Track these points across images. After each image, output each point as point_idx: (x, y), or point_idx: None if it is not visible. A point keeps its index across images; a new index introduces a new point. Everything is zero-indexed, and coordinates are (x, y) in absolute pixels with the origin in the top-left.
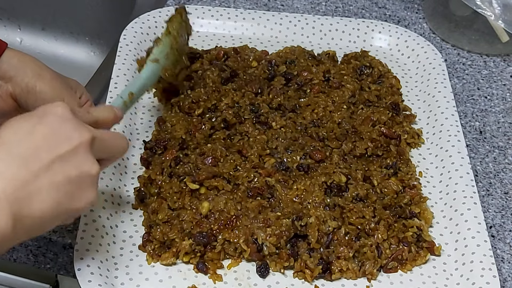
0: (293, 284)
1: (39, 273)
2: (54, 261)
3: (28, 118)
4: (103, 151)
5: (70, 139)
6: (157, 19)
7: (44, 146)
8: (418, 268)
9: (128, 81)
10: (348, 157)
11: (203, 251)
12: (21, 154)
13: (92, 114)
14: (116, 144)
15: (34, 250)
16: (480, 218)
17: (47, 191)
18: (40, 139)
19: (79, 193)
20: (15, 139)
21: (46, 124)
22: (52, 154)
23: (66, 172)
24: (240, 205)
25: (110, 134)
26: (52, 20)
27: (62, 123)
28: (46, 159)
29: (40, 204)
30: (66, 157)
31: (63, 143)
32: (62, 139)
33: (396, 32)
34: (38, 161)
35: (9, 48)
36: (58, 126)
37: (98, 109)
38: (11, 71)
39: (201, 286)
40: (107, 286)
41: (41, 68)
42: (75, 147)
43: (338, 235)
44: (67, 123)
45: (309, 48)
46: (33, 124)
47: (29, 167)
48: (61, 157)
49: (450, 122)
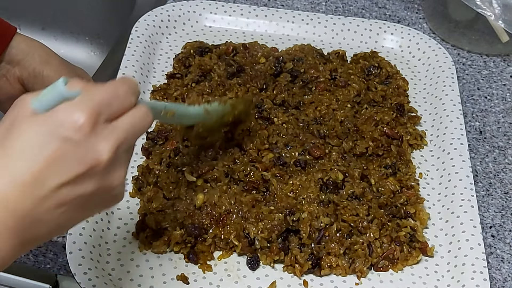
0: (282, 277)
1: (39, 273)
2: (54, 261)
3: (40, 128)
4: (129, 147)
5: (82, 162)
6: (170, 13)
7: (53, 170)
8: (410, 268)
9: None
10: (348, 155)
11: (194, 242)
12: (25, 181)
13: (119, 128)
14: (141, 130)
15: (34, 250)
16: (476, 221)
17: (55, 213)
18: (49, 161)
19: (95, 205)
20: (21, 158)
21: (57, 142)
22: (61, 179)
23: (78, 192)
24: (234, 198)
25: (132, 121)
26: (52, 20)
27: (76, 144)
28: (53, 184)
29: (47, 228)
30: (78, 180)
31: (74, 167)
32: (74, 162)
33: (408, 34)
34: (42, 189)
35: (18, 33)
36: (71, 147)
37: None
38: (19, 55)
39: (191, 275)
40: (97, 270)
41: (48, 54)
42: (88, 170)
43: (330, 231)
44: (81, 142)
45: (320, 47)
46: (43, 142)
47: (34, 195)
48: (70, 182)
49: (454, 125)
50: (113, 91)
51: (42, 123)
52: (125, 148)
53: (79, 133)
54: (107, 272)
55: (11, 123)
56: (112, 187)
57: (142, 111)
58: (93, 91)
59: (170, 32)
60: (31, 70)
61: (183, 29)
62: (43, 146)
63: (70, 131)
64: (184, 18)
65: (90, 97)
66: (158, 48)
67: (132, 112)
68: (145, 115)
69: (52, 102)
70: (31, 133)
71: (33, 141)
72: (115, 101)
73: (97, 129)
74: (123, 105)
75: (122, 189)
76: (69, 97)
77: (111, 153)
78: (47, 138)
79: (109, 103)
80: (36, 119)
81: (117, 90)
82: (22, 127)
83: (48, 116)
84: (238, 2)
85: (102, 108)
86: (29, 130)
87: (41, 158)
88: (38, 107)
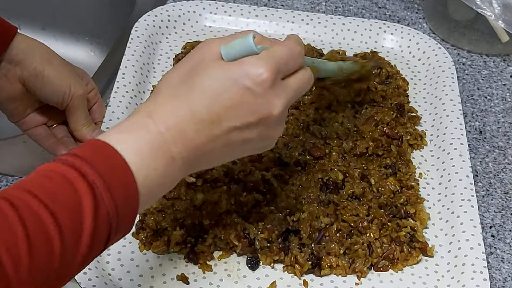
0: (282, 277)
1: None
2: None
3: (226, 73)
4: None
5: (257, 112)
6: (170, 13)
7: (228, 114)
8: (410, 268)
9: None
10: (348, 156)
11: (194, 242)
12: (203, 117)
13: (290, 86)
14: (304, 90)
15: None
16: (476, 221)
17: (220, 150)
18: (228, 105)
19: (252, 149)
20: (203, 96)
21: (240, 90)
22: (235, 123)
23: (244, 136)
24: (234, 199)
25: (300, 82)
26: (52, 20)
27: (255, 96)
28: (227, 126)
29: (209, 161)
30: (248, 127)
31: (249, 115)
32: (250, 111)
33: (408, 34)
34: (217, 128)
35: (18, 33)
36: (250, 97)
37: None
38: (19, 55)
39: (191, 275)
40: (97, 270)
41: (49, 54)
42: (259, 120)
43: (330, 231)
44: (260, 95)
45: (320, 47)
46: (226, 86)
47: (208, 133)
48: (242, 127)
49: (454, 125)
50: (290, 51)
51: (228, 69)
52: (289, 106)
53: (260, 86)
54: (107, 272)
55: (197, 63)
56: (272, 137)
57: (308, 73)
58: (275, 49)
59: (170, 32)
60: (32, 69)
61: (183, 29)
62: (226, 90)
63: (253, 83)
64: (184, 18)
65: (272, 54)
66: (158, 48)
67: (301, 73)
68: (309, 77)
69: (239, 54)
70: (217, 76)
71: (217, 83)
72: (291, 61)
73: (274, 85)
74: (295, 66)
75: (275, 140)
76: (255, 52)
77: (282, 109)
78: (231, 84)
79: (287, 62)
80: (223, 65)
81: (293, 50)
82: (208, 69)
83: (235, 64)
84: (238, 2)
85: (281, 66)
86: (215, 73)
87: (221, 100)
88: (226, 55)
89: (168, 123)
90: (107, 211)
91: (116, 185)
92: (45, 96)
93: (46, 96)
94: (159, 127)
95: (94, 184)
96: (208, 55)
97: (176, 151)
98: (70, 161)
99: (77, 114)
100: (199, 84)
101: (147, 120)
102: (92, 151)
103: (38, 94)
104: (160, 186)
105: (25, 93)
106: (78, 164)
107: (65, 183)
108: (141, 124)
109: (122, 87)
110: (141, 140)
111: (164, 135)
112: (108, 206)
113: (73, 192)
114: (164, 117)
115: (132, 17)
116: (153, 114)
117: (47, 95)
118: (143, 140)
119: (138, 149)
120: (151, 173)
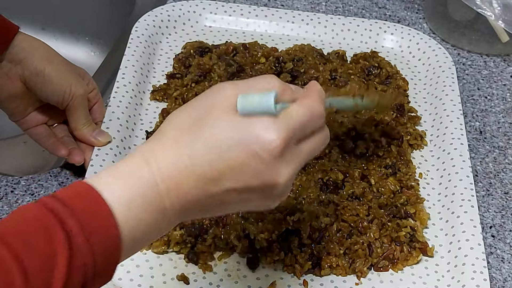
0: (282, 277)
1: None
2: None
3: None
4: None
5: (260, 178)
6: (170, 13)
7: (230, 174)
8: (410, 268)
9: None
10: (348, 156)
11: (194, 242)
12: (203, 173)
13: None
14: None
15: None
16: (476, 221)
17: (215, 207)
18: (231, 166)
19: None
20: (207, 151)
21: (246, 153)
22: (235, 185)
23: (243, 198)
24: None
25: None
26: (52, 20)
27: (262, 162)
28: (226, 186)
29: (202, 214)
30: (248, 190)
31: (251, 179)
32: (253, 175)
33: (408, 34)
34: (216, 186)
35: (20, 32)
36: (256, 162)
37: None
38: (21, 54)
39: (191, 275)
40: None
41: (50, 53)
42: (262, 186)
43: (330, 231)
44: (267, 162)
45: (320, 47)
46: (233, 146)
47: (206, 190)
48: (242, 190)
49: (454, 125)
50: (310, 113)
51: (239, 128)
52: (298, 170)
53: (269, 153)
54: None
55: (208, 110)
56: (273, 203)
57: (324, 134)
58: (294, 111)
59: (170, 32)
60: (33, 68)
61: (183, 29)
62: (232, 150)
63: (262, 149)
64: (184, 18)
65: (289, 118)
66: (158, 48)
67: (318, 136)
68: (326, 138)
69: (256, 111)
70: (226, 132)
71: (225, 141)
72: (309, 124)
73: (285, 152)
74: (313, 129)
75: (278, 203)
76: (273, 112)
77: (289, 177)
78: (239, 144)
79: (305, 126)
80: (235, 121)
81: (314, 112)
82: (218, 121)
83: (248, 124)
84: (238, 2)
85: (297, 131)
86: (225, 129)
87: (226, 159)
88: (241, 108)
89: (164, 174)
90: (83, 261)
91: (96, 235)
92: (46, 95)
93: (46, 95)
94: (154, 177)
95: (71, 233)
96: (221, 103)
97: (169, 203)
98: (50, 205)
99: (78, 113)
100: (205, 137)
101: (143, 167)
102: (76, 195)
103: (39, 93)
104: (146, 235)
105: (26, 92)
106: (57, 209)
107: (41, 229)
108: (135, 171)
109: (122, 87)
110: (132, 189)
111: (158, 187)
112: (85, 256)
113: (48, 240)
114: (162, 166)
115: (132, 17)
116: (150, 160)
117: (47, 94)
118: (134, 190)
119: (127, 199)
120: (138, 224)
